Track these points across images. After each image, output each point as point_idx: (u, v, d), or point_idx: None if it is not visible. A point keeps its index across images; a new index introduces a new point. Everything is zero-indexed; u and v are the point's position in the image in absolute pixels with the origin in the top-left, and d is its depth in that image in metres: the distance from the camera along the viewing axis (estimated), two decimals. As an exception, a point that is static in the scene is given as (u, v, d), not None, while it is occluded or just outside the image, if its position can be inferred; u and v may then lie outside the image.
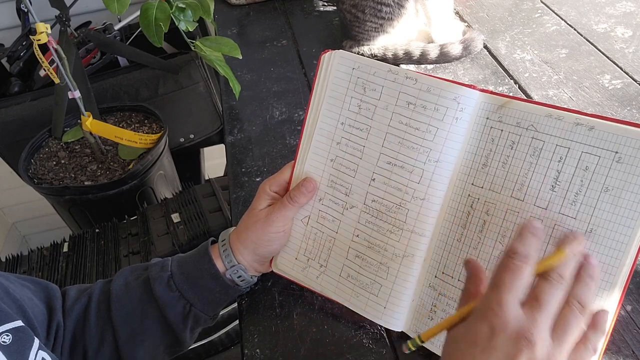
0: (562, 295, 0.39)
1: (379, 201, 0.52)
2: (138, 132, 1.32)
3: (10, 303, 0.50)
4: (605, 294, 0.43)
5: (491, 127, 0.48)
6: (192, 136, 1.51)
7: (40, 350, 0.47)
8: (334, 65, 0.53)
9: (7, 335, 0.45)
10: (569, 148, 0.44)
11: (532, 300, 0.38)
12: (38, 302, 0.54)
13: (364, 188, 0.53)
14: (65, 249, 1.12)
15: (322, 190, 0.56)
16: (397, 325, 0.52)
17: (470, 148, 0.49)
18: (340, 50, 0.53)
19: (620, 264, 0.42)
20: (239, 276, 0.56)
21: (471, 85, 0.48)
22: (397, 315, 0.52)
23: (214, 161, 1.81)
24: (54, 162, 1.30)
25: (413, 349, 0.44)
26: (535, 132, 0.46)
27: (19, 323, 0.47)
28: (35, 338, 0.48)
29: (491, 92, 0.48)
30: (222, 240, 0.58)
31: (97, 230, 1.16)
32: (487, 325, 0.37)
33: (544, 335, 0.37)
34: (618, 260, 0.42)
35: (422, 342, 0.44)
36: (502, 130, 0.47)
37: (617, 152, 0.42)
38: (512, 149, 0.47)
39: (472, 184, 0.49)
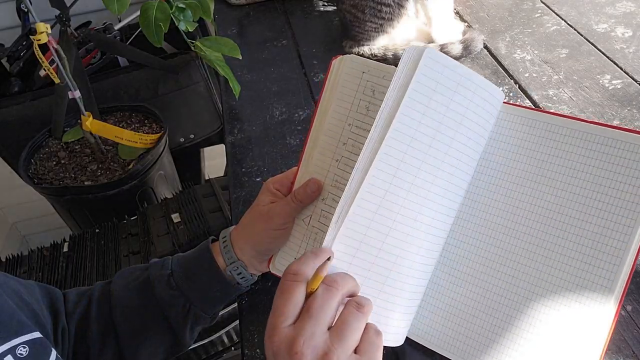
0: (334, 300, 0.39)
1: None
2: (138, 132, 1.32)
3: (24, 308, 0.49)
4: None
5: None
6: (192, 136, 1.51)
7: None
8: (344, 69, 0.54)
9: (24, 347, 0.44)
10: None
11: (304, 313, 0.39)
12: (43, 307, 0.53)
13: None
14: (66, 249, 1.12)
15: (326, 190, 0.56)
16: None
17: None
18: (351, 54, 0.54)
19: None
20: (239, 273, 0.56)
21: None
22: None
23: (214, 161, 1.80)
24: (54, 162, 1.30)
25: None
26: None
27: (36, 334, 0.46)
28: (53, 350, 0.46)
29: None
30: (223, 237, 0.57)
31: (97, 230, 1.16)
32: (270, 353, 0.38)
33: (315, 341, 0.37)
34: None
35: None
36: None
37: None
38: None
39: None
